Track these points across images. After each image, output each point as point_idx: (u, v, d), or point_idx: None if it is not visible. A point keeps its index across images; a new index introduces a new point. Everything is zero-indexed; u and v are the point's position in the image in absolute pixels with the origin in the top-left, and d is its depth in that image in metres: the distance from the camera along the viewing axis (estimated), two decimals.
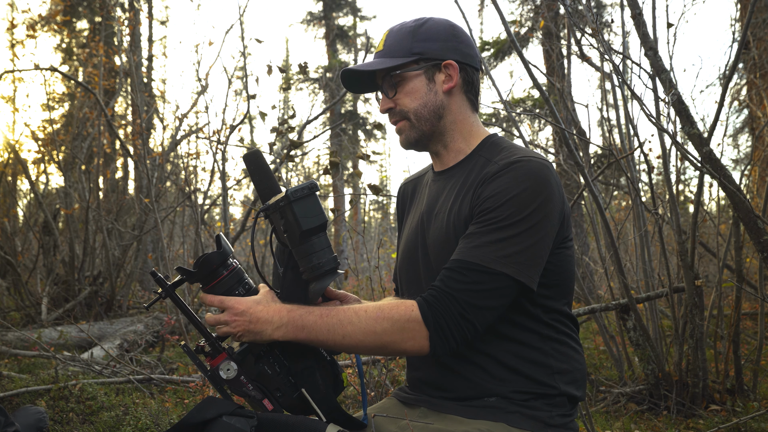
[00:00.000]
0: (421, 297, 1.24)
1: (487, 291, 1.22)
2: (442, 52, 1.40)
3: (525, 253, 1.24)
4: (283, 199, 1.22)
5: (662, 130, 3.24)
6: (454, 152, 1.45)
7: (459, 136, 1.44)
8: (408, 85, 1.40)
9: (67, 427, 2.86)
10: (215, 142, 5.12)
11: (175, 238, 8.18)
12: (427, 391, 1.40)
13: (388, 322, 1.21)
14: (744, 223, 2.92)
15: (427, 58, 1.39)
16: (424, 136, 1.43)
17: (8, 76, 7.63)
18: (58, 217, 7.38)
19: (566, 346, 1.36)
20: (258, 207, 6.18)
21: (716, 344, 3.81)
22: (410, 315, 1.22)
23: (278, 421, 1.28)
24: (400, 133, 1.45)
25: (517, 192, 1.25)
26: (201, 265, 1.27)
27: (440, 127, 1.42)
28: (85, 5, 12.57)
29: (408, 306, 1.23)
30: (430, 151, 1.49)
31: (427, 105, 1.40)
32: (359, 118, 21.13)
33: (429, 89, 1.40)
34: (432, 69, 1.40)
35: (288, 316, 1.23)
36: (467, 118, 1.45)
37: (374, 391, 3.05)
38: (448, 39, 1.41)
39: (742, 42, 2.89)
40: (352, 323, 1.22)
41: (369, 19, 22.79)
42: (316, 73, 21.21)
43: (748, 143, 10.75)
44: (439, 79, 1.41)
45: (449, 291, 1.22)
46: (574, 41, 3.63)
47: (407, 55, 1.39)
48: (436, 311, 1.21)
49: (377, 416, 1.38)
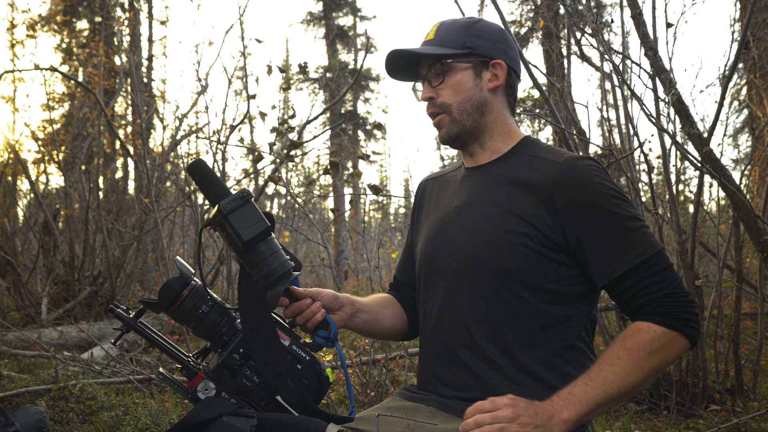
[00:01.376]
0: (644, 315, 1.27)
1: (669, 270, 1.29)
2: (493, 51, 1.41)
3: (645, 226, 1.32)
4: (217, 214, 1.19)
5: (662, 130, 3.24)
6: (489, 151, 1.45)
7: (498, 136, 1.44)
8: (454, 77, 1.41)
9: (67, 427, 2.86)
10: (215, 142, 5.12)
11: (175, 238, 8.17)
12: (438, 389, 1.39)
13: (645, 352, 1.23)
14: (744, 223, 2.92)
15: (477, 53, 1.40)
16: (465, 132, 1.43)
17: (8, 76, 7.63)
18: (58, 217, 7.38)
19: (585, 356, 1.36)
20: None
21: (716, 344, 3.81)
22: (656, 334, 1.24)
23: (278, 421, 1.28)
24: (440, 127, 1.44)
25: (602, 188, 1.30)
26: (162, 293, 1.25)
27: (481, 124, 1.43)
28: (85, 5, 12.57)
29: (646, 329, 1.25)
30: (466, 149, 1.48)
31: (471, 99, 1.41)
32: (359, 118, 21.12)
33: (475, 84, 1.41)
34: (480, 65, 1.41)
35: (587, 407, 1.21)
36: (507, 119, 1.46)
37: (374, 391, 3.05)
38: (498, 41, 1.43)
39: (742, 42, 2.89)
40: (617, 375, 1.22)
41: (369, 19, 22.79)
42: (316, 73, 21.21)
43: (748, 143, 10.76)
44: (485, 76, 1.41)
45: (656, 295, 1.26)
46: (574, 41, 3.63)
47: (459, 48, 1.40)
48: (669, 314, 1.25)
49: (382, 415, 1.36)
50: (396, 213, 26.97)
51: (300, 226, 13.29)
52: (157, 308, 1.26)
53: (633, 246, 1.27)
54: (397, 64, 1.46)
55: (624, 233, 1.28)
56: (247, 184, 16.95)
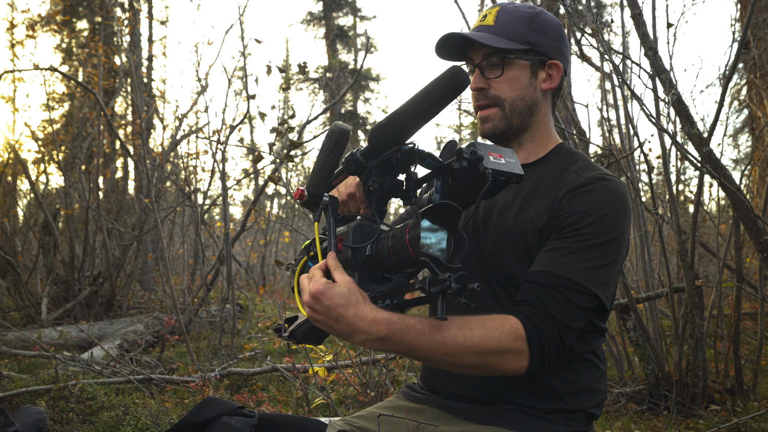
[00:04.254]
0: (522, 314, 1.16)
1: (580, 311, 1.18)
2: (552, 50, 1.37)
3: (611, 273, 1.22)
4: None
5: (662, 130, 3.24)
6: (526, 152, 1.40)
7: (539, 138, 1.40)
8: (512, 72, 1.35)
9: (67, 427, 2.86)
10: (215, 142, 5.12)
11: (175, 238, 8.17)
12: (443, 387, 1.37)
13: (495, 341, 1.12)
14: (744, 223, 2.92)
15: (537, 51, 1.35)
16: (510, 129, 1.37)
17: (8, 76, 7.63)
18: (58, 217, 7.38)
19: (596, 367, 1.34)
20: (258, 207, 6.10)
21: (716, 344, 3.81)
22: (516, 334, 1.13)
23: (278, 420, 1.28)
24: (487, 120, 1.37)
25: (609, 211, 1.22)
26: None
27: (527, 123, 1.38)
28: (85, 5, 12.57)
29: (513, 324, 1.14)
30: (506, 145, 1.42)
31: (525, 98, 1.36)
32: (359, 118, 21.13)
33: (530, 83, 1.36)
34: (538, 64, 1.36)
35: (387, 329, 1.08)
36: (549, 122, 1.42)
37: (374, 391, 3.05)
38: (557, 39, 1.38)
39: (742, 42, 2.89)
40: (456, 341, 1.11)
41: (369, 19, 22.81)
42: (316, 73, 21.21)
43: (748, 143, 10.75)
44: (541, 76, 1.37)
45: (547, 309, 1.16)
46: (574, 41, 3.63)
47: (521, 42, 1.34)
48: (540, 332, 1.15)
49: (383, 415, 1.36)
50: (396, 213, 26.93)
51: (300, 226, 13.30)
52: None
53: (576, 263, 1.19)
54: (448, 44, 1.38)
55: (581, 250, 1.20)
56: (247, 184, 16.95)
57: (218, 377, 3.73)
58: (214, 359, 4.41)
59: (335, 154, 1.12)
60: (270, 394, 3.62)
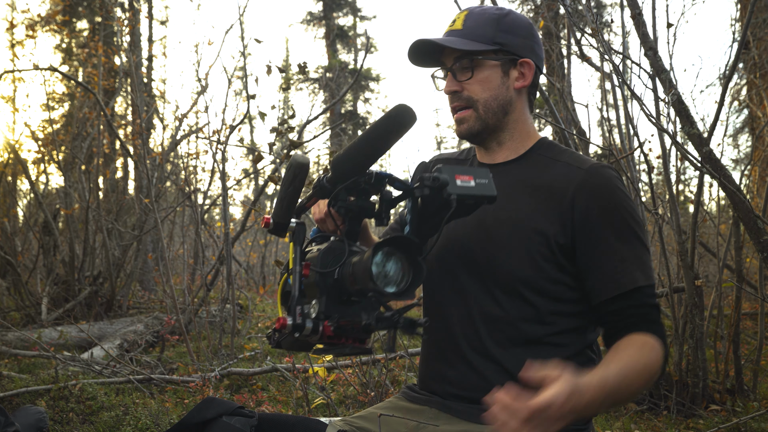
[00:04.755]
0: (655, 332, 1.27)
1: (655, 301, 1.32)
2: (522, 49, 1.38)
3: (649, 256, 1.35)
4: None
5: (662, 130, 3.24)
6: (507, 150, 1.42)
7: (517, 135, 1.42)
8: (483, 73, 1.37)
9: (67, 427, 2.86)
10: (215, 142, 5.12)
11: (175, 238, 8.18)
12: (441, 388, 1.37)
13: (649, 373, 1.22)
14: (744, 223, 2.92)
15: (507, 51, 1.37)
16: (486, 129, 1.40)
17: (8, 76, 7.62)
18: (58, 217, 7.38)
19: (592, 362, 1.35)
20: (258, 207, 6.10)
21: (716, 344, 3.81)
22: (659, 356, 1.25)
23: (278, 420, 1.28)
24: (462, 122, 1.40)
25: (627, 201, 1.32)
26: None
27: (503, 122, 1.40)
28: (85, 5, 12.57)
29: (655, 348, 1.25)
30: (484, 145, 1.45)
31: (498, 98, 1.38)
32: (359, 118, 21.14)
33: (502, 83, 1.38)
34: (509, 63, 1.38)
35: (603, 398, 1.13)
36: (527, 119, 1.43)
37: (374, 391, 3.05)
38: (528, 37, 1.40)
39: (742, 42, 2.89)
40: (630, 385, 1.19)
41: (369, 19, 22.82)
42: (316, 73, 21.22)
43: (748, 143, 10.75)
44: (513, 74, 1.39)
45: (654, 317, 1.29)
46: (574, 41, 3.63)
47: (489, 43, 1.36)
48: (657, 325, 1.29)
49: (384, 415, 1.35)
50: (396, 212, 26.93)
51: None
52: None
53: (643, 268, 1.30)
54: (420, 51, 1.42)
55: (639, 252, 1.30)
56: (247, 184, 16.96)
57: (218, 377, 3.73)
58: (214, 359, 4.42)
59: (294, 186, 1.17)
60: (270, 394, 3.62)
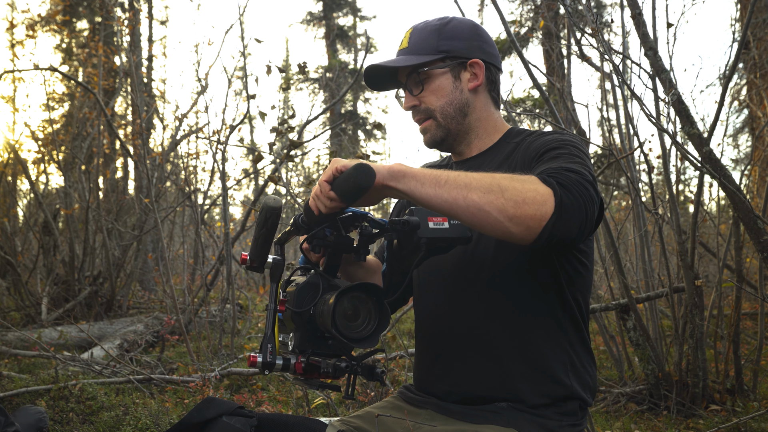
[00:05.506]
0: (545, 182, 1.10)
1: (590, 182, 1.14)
2: (468, 50, 1.41)
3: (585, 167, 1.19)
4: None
5: (662, 130, 3.24)
6: (476, 148, 1.46)
7: (483, 133, 1.45)
8: (434, 83, 1.40)
9: (67, 427, 2.86)
10: (215, 142, 5.12)
11: (175, 238, 8.18)
12: (438, 388, 1.38)
13: (519, 182, 1.08)
14: (744, 223, 2.92)
15: (453, 56, 1.40)
16: (450, 135, 1.43)
17: (8, 76, 7.63)
18: (58, 217, 7.38)
19: (585, 350, 1.35)
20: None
21: (716, 344, 3.81)
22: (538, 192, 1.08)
23: (278, 420, 1.29)
24: (425, 132, 1.44)
25: (571, 139, 1.30)
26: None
27: (465, 125, 1.43)
28: (85, 5, 12.57)
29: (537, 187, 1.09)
30: (453, 150, 1.49)
31: (453, 103, 1.41)
32: (359, 118, 21.14)
33: (455, 87, 1.41)
34: (458, 67, 1.41)
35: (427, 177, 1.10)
36: (491, 115, 1.46)
37: (374, 391, 3.05)
38: (472, 38, 1.42)
39: (742, 42, 2.89)
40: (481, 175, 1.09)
41: (369, 19, 22.83)
42: (316, 73, 21.22)
43: (748, 143, 10.76)
44: (464, 77, 1.41)
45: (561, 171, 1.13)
46: (574, 41, 3.63)
47: (433, 53, 1.39)
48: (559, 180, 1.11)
49: (381, 416, 1.36)
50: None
51: None
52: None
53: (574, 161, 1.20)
54: (377, 76, 1.46)
55: (563, 161, 1.20)
56: (247, 184, 16.95)
57: (218, 377, 3.73)
58: (214, 359, 4.41)
59: (267, 228, 1.21)
60: (270, 394, 3.62)
